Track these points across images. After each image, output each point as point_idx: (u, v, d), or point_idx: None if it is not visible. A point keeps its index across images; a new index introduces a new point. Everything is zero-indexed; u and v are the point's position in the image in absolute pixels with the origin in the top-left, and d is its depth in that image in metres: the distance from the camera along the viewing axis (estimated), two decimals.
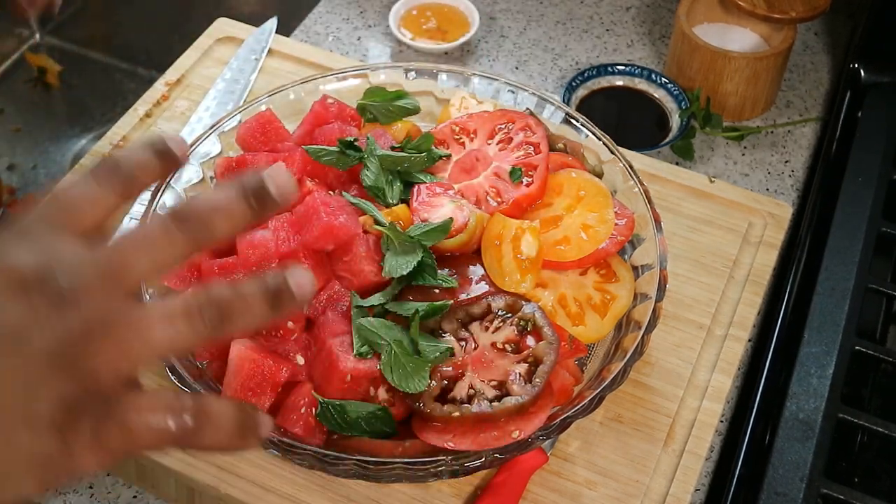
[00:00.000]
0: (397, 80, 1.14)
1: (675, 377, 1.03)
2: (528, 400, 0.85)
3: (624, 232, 1.00)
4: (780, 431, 1.00)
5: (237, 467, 0.95)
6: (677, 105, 1.37)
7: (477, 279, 0.95)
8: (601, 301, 0.98)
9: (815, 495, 0.95)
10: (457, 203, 0.98)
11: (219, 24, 1.39)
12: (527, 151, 1.03)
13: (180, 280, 0.95)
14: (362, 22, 1.53)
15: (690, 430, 0.99)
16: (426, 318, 0.91)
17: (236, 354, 0.89)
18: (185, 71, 1.32)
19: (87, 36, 1.85)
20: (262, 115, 1.08)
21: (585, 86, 1.40)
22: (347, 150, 1.01)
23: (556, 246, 0.98)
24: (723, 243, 1.15)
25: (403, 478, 0.87)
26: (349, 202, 0.98)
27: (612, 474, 0.96)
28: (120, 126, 1.26)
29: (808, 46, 1.51)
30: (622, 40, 1.51)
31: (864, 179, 1.24)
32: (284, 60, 1.34)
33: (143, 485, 1.00)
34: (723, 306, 1.09)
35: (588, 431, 0.99)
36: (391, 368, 0.87)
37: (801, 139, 1.38)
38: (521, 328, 0.91)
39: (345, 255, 0.94)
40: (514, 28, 1.53)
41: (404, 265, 0.92)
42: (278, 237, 0.93)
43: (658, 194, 1.17)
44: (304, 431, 0.87)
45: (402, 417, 0.90)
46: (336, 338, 0.90)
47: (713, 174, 1.32)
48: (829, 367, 1.05)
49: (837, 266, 1.14)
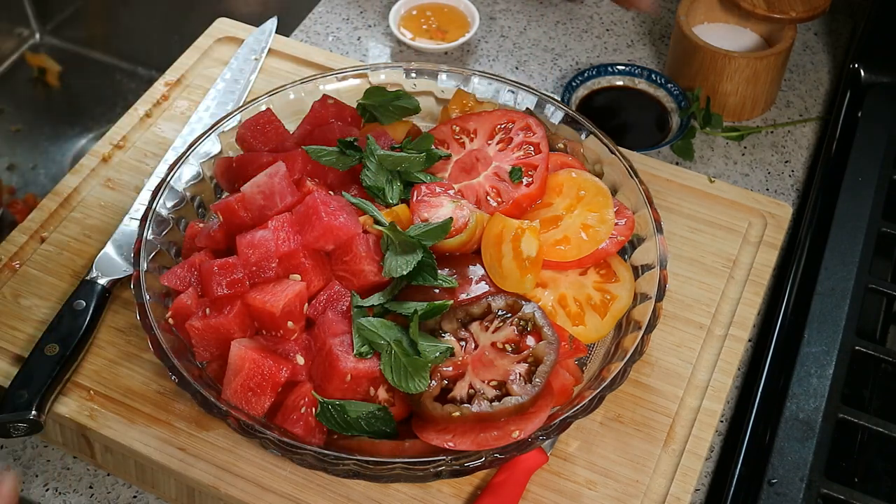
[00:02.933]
0: (397, 80, 1.14)
1: (675, 377, 1.03)
2: (528, 400, 0.85)
3: (624, 232, 1.00)
4: (780, 431, 1.00)
5: (237, 467, 0.95)
6: (677, 105, 1.37)
7: (477, 279, 0.95)
8: (601, 301, 0.98)
9: (815, 495, 0.95)
10: (457, 203, 0.98)
11: (219, 24, 1.39)
12: (527, 151, 1.03)
13: (180, 280, 0.95)
14: (362, 22, 1.53)
15: (690, 430, 0.99)
16: (426, 318, 0.91)
17: (236, 354, 0.89)
18: (185, 71, 1.32)
19: (87, 36, 1.85)
20: (262, 115, 1.08)
21: (585, 86, 1.40)
22: (347, 150, 1.01)
23: (556, 246, 0.98)
24: (723, 243, 1.15)
25: (403, 478, 0.88)
26: (349, 202, 0.98)
27: (612, 474, 0.96)
28: (120, 126, 1.26)
29: (808, 46, 1.51)
30: (622, 40, 1.51)
31: (864, 179, 1.24)
32: (284, 60, 1.34)
33: (143, 485, 1.01)
34: (723, 306, 1.09)
35: (588, 431, 0.99)
36: (391, 368, 0.87)
37: (801, 139, 1.38)
38: (521, 328, 0.91)
39: (345, 255, 0.95)
40: (514, 28, 1.53)
41: (404, 265, 0.92)
42: (278, 237, 0.93)
43: (658, 194, 1.17)
44: (304, 431, 0.87)
45: (402, 417, 0.90)
46: (336, 338, 0.90)
47: (713, 174, 1.32)
48: (829, 367, 1.05)
49: (837, 266, 1.14)
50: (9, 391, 0.96)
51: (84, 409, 0.99)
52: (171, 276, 0.96)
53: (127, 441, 0.96)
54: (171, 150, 1.21)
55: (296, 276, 0.93)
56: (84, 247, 1.13)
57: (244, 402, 0.88)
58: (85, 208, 1.17)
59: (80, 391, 1.00)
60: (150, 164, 1.21)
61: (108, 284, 1.06)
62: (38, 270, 1.11)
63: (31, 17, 1.85)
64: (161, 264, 0.99)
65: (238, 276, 0.92)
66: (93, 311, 1.03)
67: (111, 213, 1.16)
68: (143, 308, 0.92)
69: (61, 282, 1.10)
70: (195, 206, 1.07)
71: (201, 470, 0.95)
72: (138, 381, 1.01)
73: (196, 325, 0.91)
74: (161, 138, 1.25)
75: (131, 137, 1.25)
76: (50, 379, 0.97)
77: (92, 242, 1.13)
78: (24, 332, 1.05)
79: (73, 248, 1.13)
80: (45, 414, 0.96)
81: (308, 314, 0.93)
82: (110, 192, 1.19)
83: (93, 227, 1.15)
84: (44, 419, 0.96)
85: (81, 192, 1.18)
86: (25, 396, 0.95)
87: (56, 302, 1.07)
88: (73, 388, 1.00)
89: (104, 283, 1.06)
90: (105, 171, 1.21)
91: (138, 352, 1.03)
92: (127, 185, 1.19)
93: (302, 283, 0.92)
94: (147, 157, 1.23)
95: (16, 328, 1.05)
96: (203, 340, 0.92)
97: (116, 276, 1.07)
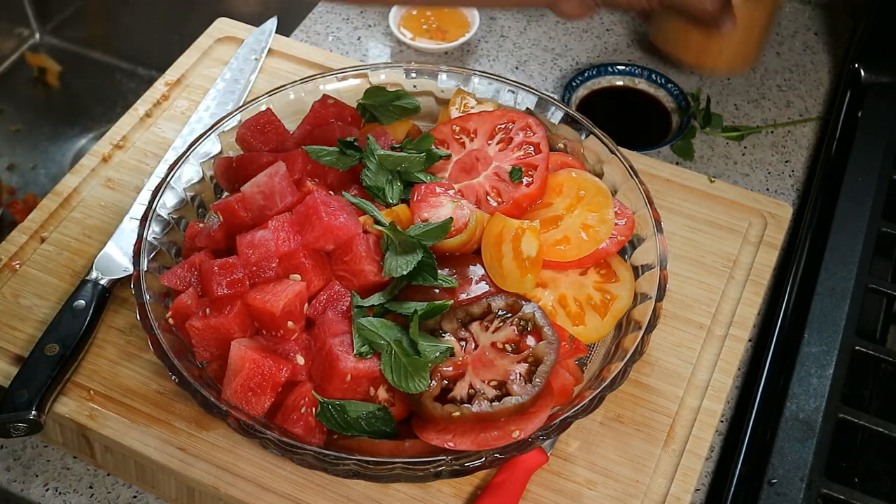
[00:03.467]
0: (397, 80, 1.14)
1: (675, 377, 1.03)
2: (528, 400, 0.85)
3: (624, 232, 1.00)
4: (780, 431, 1.00)
5: (237, 467, 0.95)
6: (677, 105, 1.37)
7: (477, 279, 0.95)
8: (601, 301, 0.98)
9: (815, 495, 0.95)
10: (457, 203, 0.98)
11: (219, 24, 1.39)
12: (527, 151, 1.03)
13: (180, 280, 0.95)
14: (362, 22, 1.53)
15: (690, 430, 0.99)
16: (426, 318, 0.91)
17: (236, 354, 0.89)
18: (185, 71, 1.32)
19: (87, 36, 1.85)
20: (262, 115, 1.08)
21: (585, 86, 1.40)
22: (347, 150, 1.01)
23: (556, 246, 0.98)
24: (723, 243, 1.15)
25: (403, 478, 0.88)
26: (349, 202, 0.98)
27: (612, 474, 0.96)
28: (120, 126, 1.26)
29: (808, 46, 1.51)
30: (622, 40, 1.51)
31: (864, 179, 1.24)
32: (284, 60, 1.34)
33: (143, 485, 1.00)
34: (723, 306, 1.09)
35: (588, 431, 0.99)
36: (391, 368, 0.87)
37: (801, 139, 1.38)
38: (521, 328, 0.91)
39: (345, 255, 0.95)
40: (514, 28, 1.53)
41: (404, 265, 0.92)
42: (278, 237, 0.93)
43: (658, 194, 1.17)
44: (304, 431, 0.87)
45: (402, 417, 0.90)
46: (336, 338, 0.90)
47: (713, 174, 1.32)
48: (829, 367, 1.05)
49: (837, 266, 1.14)
50: (9, 391, 0.96)
51: (84, 409, 0.99)
52: (171, 276, 0.96)
53: (127, 441, 0.96)
54: (171, 150, 1.21)
55: (296, 276, 0.93)
56: (84, 247, 1.13)
57: (244, 402, 0.88)
58: (85, 208, 1.17)
59: (80, 391, 1.00)
60: (150, 164, 1.21)
61: (108, 284, 1.06)
62: (38, 270, 1.11)
63: (31, 17, 1.85)
64: (161, 264, 0.99)
65: (238, 276, 0.92)
66: (93, 311, 1.03)
67: (111, 213, 1.16)
68: (143, 308, 0.92)
69: (61, 282, 1.10)
70: (195, 206, 1.06)
71: (201, 470, 0.95)
72: (138, 381, 1.01)
73: (196, 325, 0.91)
74: (161, 138, 1.25)
75: (131, 137, 1.25)
76: (50, 379, 0.97)
77: (92, 242, 1.13)
78: (24, 332, 1.05)
79: (73, 248, 1.13)
80: (45, 414, 0.96)
81: (308, 314, 0.93)
82: (110, 192, 1.19)
83: (93, 227, 1.15)
84: (44, 419, 0.96)
85: (81, 192, 1.18)
86: (25, 396, 0.95)
87: (56, 302, 1.07)
88: (73, 388, 1.00)
89: (104, 283, 1.06)
90: (105, 171, 1.21)
91: (138, 352, 1.03)
92: (127, 185, 1.19)
93: (302, 283, 0.92)
94: (147, 157, 1.23)
95: (16, 328, 1.05)
96: (203, 340, 0.92)
97: (116, 276, 1.07)
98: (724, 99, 1.43)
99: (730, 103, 1.42)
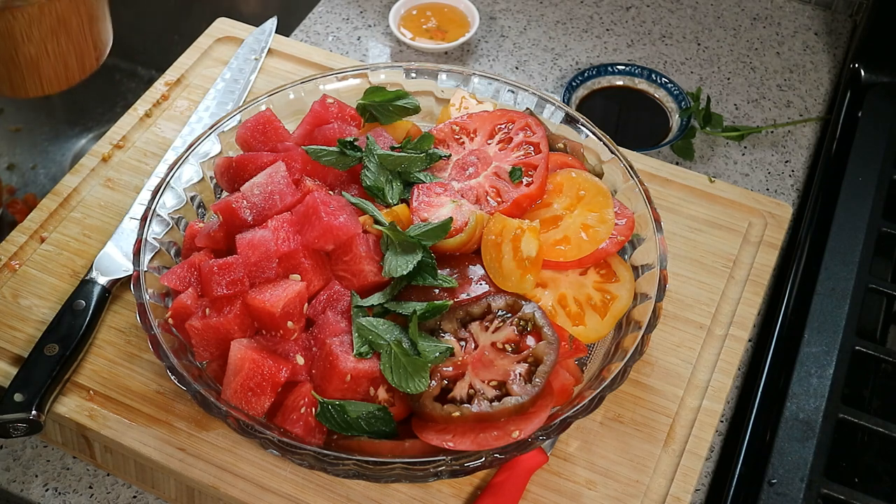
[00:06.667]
0: (397, 80, 1.14)
1: (675, 377, 1.03)
2: (528, 400, 0.85)
3: (624, 232, 1.00)
4: (780, 431, 1.00)
5: (237, 467, 0.95)
6: (677, 105, 1.37)
7: (477, 279, 0.95)
8: (601, 301, 0.98)
9: (815, 495, 0.95)
10: (457, 203, 0.98)
11: (219, 24, 1.39)
12: (527, 151, 1.03)
13: (180, 280, 0.95)
14: (362, 22, 1.53)
15: (690, 430, 0.99)
16: (426, 318, 0.91)
17: (236, 354, 0.89)
18: (185, 71, 1.32)
19: None
20: (262, 115, 1.08)
21: (585, 86, 1.40)
22: (347, 150, 1.01)
23: (556, 246, 0.98)
24: (723, 243, 1.15)
25: (403, 478, 0.87)
26: (349, 202, 0.98)
27: (612, 474, 0.96)
28: (120, 126, 1.26)
29: (808, 46, 1.51)
30: (622, 40, 1.51)
31: (864, 179, 1.24)
32: (284, 60, 1.34)
33: (143, 485, 1.00)
34: (723, 306, 1.09)
35: (588, 431, 0.99)
36: (391, 368, 0.87)
37: (801, 139, 1.38)
38: (521, 328, 0.91)
39: (345, 255, 0.94)
40: (514, 28, 1.53)
41: (404, 265, 0.92)
42: (278, 237, 0.93)
43: (658, 194, 1.17)
44: (304, 431, 0.87)
45: (402, 417, 0.90)
46: (336, 338, 0.90)
47: (713, 174, 1.32)
48: (829, 367, 1.05)
49: (837, 266, 1.14)
50: (9, 391, 0.96)
51: (84, 409, 0.99)
52: (171, 276, 0.96)
53: (127, 441, 0.96)
54: (171, 150, 1.21)
55: (296, 276, 0.93)
56: (84, 247, 1.13)
57: (244, 402, 0.88)
58: (85, 208, 1.17)
59: (80, 391, 1.00)
60: (150, 164, 1.21)
61: (108, 284, 1.06)
62: (38, 270, 1.11)
63: None
64: (161, 264, 0.99)
65: (238, 276, 0.92)
66: (93, 311, 1.03)
67: (111, 213, 1.16)
68: (143, 308, 0.92)
69: (61, 282, 1.10)
70: (195, 206, 1.06)
71: (201, 470, 0.95)
72: (138, 381, 1.01)
73: (196, 325, 0.91)
74: (161, 138, 1.24)
75: (131, 137, 1.25)
76: (50, 379, 0.97)
77: (92, 242, 1.13)
78: (24, 332, 1.05)
79: (72, 248, 1.13)
80: (45, 414, 0.96)
81: (308, 314, 0.93)
82: (110, 192, 1.19)
83: (93, 227, 1.15)
84: (43, 419, 0.96)
85: (81, 192, 1.18)
86: (25, 396, 0.95)
87: (56, 302, 1.07)
88: (73, 388, 1.00)
89: (104, 283, 1.06)
90: (105, 171, 1.21)
91: (138, 352, 1.03)
92: (127, 185, 1.19)
93: (302, 283, 0.92)
94: (147, 157, 1.23)
95: (16, 328, 1.05)
96: (203, 340, 0.92)
97: (116, 276, 1.07)
98: (724, 99, 1.43)
99: (730, 103, 1.42)
